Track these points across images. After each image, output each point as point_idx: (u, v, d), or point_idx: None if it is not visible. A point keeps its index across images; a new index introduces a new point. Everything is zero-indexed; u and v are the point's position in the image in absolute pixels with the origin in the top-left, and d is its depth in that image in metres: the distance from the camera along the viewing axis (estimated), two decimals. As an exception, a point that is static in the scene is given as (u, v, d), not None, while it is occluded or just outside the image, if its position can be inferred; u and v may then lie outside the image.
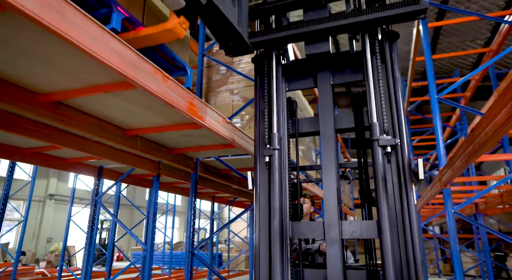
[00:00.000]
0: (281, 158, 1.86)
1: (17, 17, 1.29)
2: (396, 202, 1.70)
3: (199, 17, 1.73)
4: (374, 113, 1.65)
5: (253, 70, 2.33)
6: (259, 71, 2.12)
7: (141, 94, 2.02)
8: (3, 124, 2.30)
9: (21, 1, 1.12)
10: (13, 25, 1.39)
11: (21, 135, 2.41)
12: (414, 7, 1.65)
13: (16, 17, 1.30)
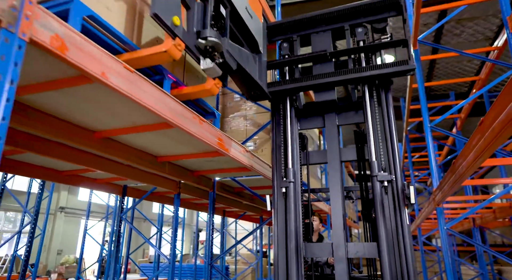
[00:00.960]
0: (295, 188, 2.26)
1: (98, 84, 1.71)
2: (392, 223, 2.08)
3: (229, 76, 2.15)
4: (373, 152, 2.05)
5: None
6: (275, 111, 2.53)
7: (177, 132, 2.43)
8: (59, 154, 2.72)
9: (112, 79, 1.54)
10: (92, 88, 1.81)
11: (72, 163, 2.83)
12: (404, 67, 2.06)
13: (97, 84, 1.72)
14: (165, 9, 1.48)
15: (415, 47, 3.99)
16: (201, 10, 1.72)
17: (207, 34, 1.64)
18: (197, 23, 1.70)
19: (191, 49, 1.68)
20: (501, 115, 1.35)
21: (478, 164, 1.95)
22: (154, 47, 1.69)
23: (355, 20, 2.36)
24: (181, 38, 1.57)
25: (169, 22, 1.51)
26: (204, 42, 1.66)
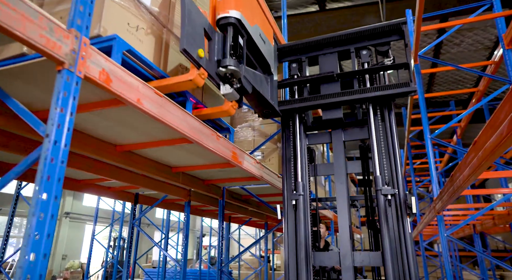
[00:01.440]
0: (304, 200, 2.44)
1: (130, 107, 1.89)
2: (395, 232, 2.26)
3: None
4: (377, 167, 2.23)
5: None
6: (285, 126, 2.72)
7: (195, 146, 2.62)
8: (83, 166, 2.91)
9: (145, 104, 1.74)
10: (123, 109, 2.01)
11: (94, 173, 3.02)
12: (405, 89, 2.25)
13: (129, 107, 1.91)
14: (191, 43, 1.67)
15: (416, 62, 4.18)
16: (221, 40, 1.92)
17: (227, 63, 1.84)
18: (217, 53, 1.90)
19: (212, 77, 1.88)
20: (491, 138, 1.54)
21: (473, 178, 2.13)
22: (181, 76, 1.88)
23: (360, 43, 2.56)
24: (204, 68, 1.77)
25: (195, 55, 1.70)
26: (225, 70, 1.85)
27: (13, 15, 1.12)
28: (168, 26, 2.14)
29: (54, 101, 1.28)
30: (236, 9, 1.93)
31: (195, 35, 1.70)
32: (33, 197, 1.19)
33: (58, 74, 1.31)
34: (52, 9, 1.80)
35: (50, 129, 1.25)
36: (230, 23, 1.91)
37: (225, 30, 1.92)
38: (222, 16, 1.91)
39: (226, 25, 1.91)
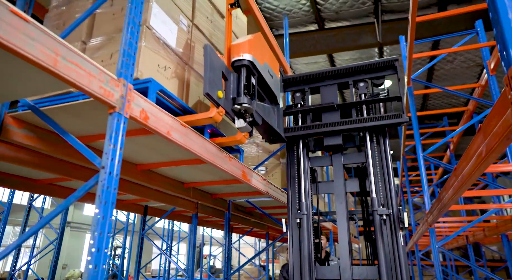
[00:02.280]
0: (308, 219, 2.72)
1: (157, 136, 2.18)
2: (390, 246, 2.53)
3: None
4: (373, 190, 2.52)
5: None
6: (290, 149, 3.01)
7: (209, 166, 2.90)
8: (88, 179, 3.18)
9: (173, 135, 2.02)
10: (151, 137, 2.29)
11: (114, 191, 3.29)
12: (398, 120, 2.55)
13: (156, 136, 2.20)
14: (212, 87, 1.97)
15: (409, 85, 4.50)
16: (236, 80, 2.22)
17: (242, 101, 2.13)
18: (233, 91, 2.20)
19: (229, 113, 2.17)
20: (467, 167, 1.83)
21: (457, 197, 2.41)
22: (202, 113, 2.17)
23: (358, 76, 2.87)
24: (223, 106, 2.07)
25: (215, 96, 2.00)
26: (239, 107, 2.15)
27: (81, 74, 1.42)
28: (189, 63, 2.45)
29: (108, 139, 1.57)
30: (248, 52, 2.23)
31: (215, 79, 2.00)
32: (93, 218, 1.47)
33: (110, 116, 1.60)
34: (93, 53, 2.10)
35: (105, 162, 1.54)
36: (243, 65, 2.21)
37: (239, 71, 2.22)
38: (236, 59, 2.21)
39: (240, 67, 2.21)
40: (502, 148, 1.21)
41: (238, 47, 2.23)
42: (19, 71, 1.52)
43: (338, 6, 7.27)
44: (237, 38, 3.29)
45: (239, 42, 2.25)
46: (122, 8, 2.13)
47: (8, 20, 1.14)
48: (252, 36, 2.31)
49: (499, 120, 1.14)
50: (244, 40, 2.25)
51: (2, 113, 1.95)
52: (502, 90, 1.07)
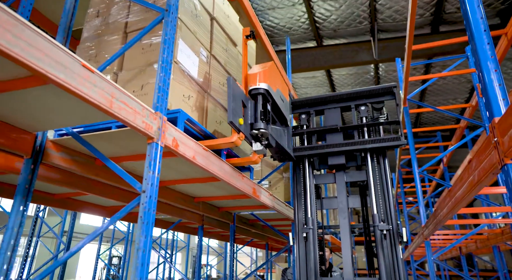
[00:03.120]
0: (313, 233, 2.94)
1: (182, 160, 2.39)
2: (389, 258, 2.76)
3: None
4: (374, 206, 2.75)
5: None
6: (296, 167, 3.24)
7: (222, 183, 3.12)
8: (120, 197, 3.38)
9: (198, 159, 2.24)
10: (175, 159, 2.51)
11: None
12: (397, 142, 2.80)
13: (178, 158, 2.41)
14: (235, 115, 2.20)
15: (405, 105, 4.79)
16: (253, 107, 2.46)
17: (259, 127, 2.37)
18: (250, 117, 2.43)
19: (247, 137, 2.40)
20: (459, 191, 2.08)
21: (450, 216, 2.66)
22: (225, 138, 2.40)
23: (359, 101, 3.13)
24: (243, 132, 2.30)
25: (237, 124, 2.23)
26: (257, 132, 2.38)
27: (129, 111, 1.64)
28: (208, 90, 2.68)
29: (147, 166, 1.79)
30: (264, 81, 2.47)
31: (237, 108, 2.23)
32: (136, 237, 1.68)
33: (148, 146, 1.83)
34: (125, 84, 2.33)
35: (145, 187, 1.75)
36: (260, 93, 2.45)
37: (256, 98, 2.46)
38: (253, 88, 2.45)
39: (256, 95, 2.45)
40: (489, 179, 1.45)
41: (254, 77, 2.47)
42: (69, 105, 1.74)
43: (336, 25, 7.59)
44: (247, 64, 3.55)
45: (255, 72, 2.49)
46: (151, 44, 2.36)
47: (79, 72, 1.37)
48: (267, 67, 2.55)
49: (486, 157, 1.38)
50: (260, 70, 2.49)
51: (44, 138, 2.16)
52: (488, 135, 1.31)
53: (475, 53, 1.36)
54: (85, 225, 17.81)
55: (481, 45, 1.33)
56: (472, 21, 1.39)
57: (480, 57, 1.31)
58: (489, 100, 1.29)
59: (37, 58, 1.18)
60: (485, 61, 1.31)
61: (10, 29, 1.09)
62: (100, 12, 2.71)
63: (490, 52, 1.32)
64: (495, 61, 1.31)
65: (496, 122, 1.24)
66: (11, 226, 1.96)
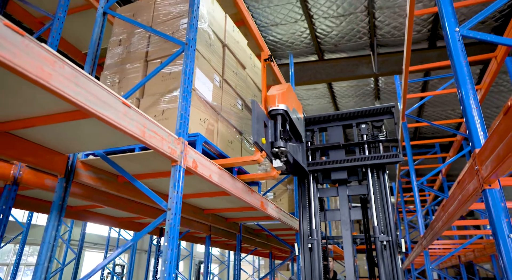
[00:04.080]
0: (318, 244, 3.15)
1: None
2: (389, 267, 2.96)
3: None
4: (375, 219, 2.96)
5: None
6: (301, 182, 3.46)
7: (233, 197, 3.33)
8: (137, 210, 3.59)
9: (213, 177, 2.46)
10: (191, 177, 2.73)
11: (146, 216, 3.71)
12: (395, 159, 3.02)
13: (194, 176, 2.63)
14: (259, 135, 2.41)
15: (403, 120, 5.02)
16: (273, 126, 2.67)
17: (279, 145, 2.57)
18: (271, 136, 2.64)
19: (268, 154, 2.62)
20: (451, 207, 2.29)
21: (445, 228, 2.86)
22: (248, 157, 2.60)
23: (360, 119, 3.36)
24: (265, 150, 2.51)
25: (260, 143, 2.45)
26: (277, 150, 2.59)
27: (158, 138, 1.87)
28: (220, 113, 2.92)
29: (171, 186, 2.01)
30: (283, 102, 2.69)
31: (260, 128, 2.44)
32: (163, 250, 1.90)
33: (172, 168, 2.05)
34: (147, 109, 2.56)
35: (171, 205, 1.97)
36: (279, 114, 2.67)
37: (275, 118, 2.67)
38: (273, 108, 2.67)
39: (276, 115, 2.67)
40: (474, 200, 1.67)
41: (273, 98, 2.69)
42: (103, 133, 1.97)
43: (337, 40, 7.87)
44: (254, 83, 3.79)
45: (274, 94, 2.71)
46: (170, 73, 2.60)
47: (120, 108, 1.60)
48: (285, 89, 2.78)
49: (470, 182, 1.60)
50: (279, 92, 2.71)
51: (75, 159, 2.39)
52: (470, 163, 1.54)
53: (459, 90, 1.59)
54: (88, 233, 17.94)
55: (464, 86, 1.56)
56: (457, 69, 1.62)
57: (463, 97, 1.54)
58: (471, 133, 1.51)
59: (90, 101, 1.42)
60: (468, 100, 1.54)
61: (74, 81, 1.33)
62: (122, 41, 2.96)
63: (471, 91, 1.54)
64: (476, 100, 1.53)
65: (477, 153, 1.45)
66: (47, 239, 2.17)
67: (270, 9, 7.07)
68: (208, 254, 5.02)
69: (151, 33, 2.84)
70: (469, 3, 3.22)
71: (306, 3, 6.85)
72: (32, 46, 1.20)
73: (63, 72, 1.31)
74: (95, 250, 18.84)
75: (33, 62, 1.20)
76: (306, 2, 6.83)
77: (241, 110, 3.32)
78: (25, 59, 1.17)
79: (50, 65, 1.26)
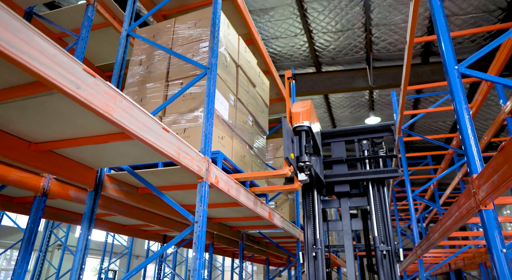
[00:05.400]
0: (322, 252, 3.36)
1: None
2: (388, 275, 3.19)
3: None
4: (375, 229, 3.19)
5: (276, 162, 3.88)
6: (305, 194, 3.68)
7: (243, 208, 3.53)
8: (149, 219, 3.76)
9: (231, 192, 2.66)
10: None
11: (156, 225, 3.87)
12: (394, 174, 3.27)
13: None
14: (288, 150, 2.62)
15: (399, 134, 5.30)
16: (298, 142, 2.88)
17: (305, 160, 2.78)
18: (296, 150, 2.85)
19: (295, 168, 2.82)
20: (448, 221, 2.53)
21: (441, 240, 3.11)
22: (278, 170, 2.80)
23: (361, 136, 3.60)
24: (293, 165, 2.72)
25: (289, 158, 2.65)
26: (303, 164, 2.80)
27: (188, 158, 2.07)
28: (235, 130, 3.12)
29: (198, 201, 2.21)
30: (307, 119, 2.92)
31: (289, 144, 2.66)
32: (192, 260, 2.09)
33: (198, 184, 2.25)
34: (169, 127, 2.76)
35: (198, 218, 2.17)
36: (303, 130, 2.89)
37: (300, 134, 2.89)
38: (298, 125, 2.89)
39: (300, 131, 2.89)
40: (470, 217, 1.90)
41: (298, 115, 2.92)
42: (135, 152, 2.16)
43: (335, 54, 8.17)
44: (262, 100, 4.01)
45: (298, 111, 2.94)
46: (191, 93, 2.81)
47: (161, 133, 1.80)
48: (308, 106, 3.01)
49: (468, 201, 1.84)
50: (303, 109, 2.94)
51: (103, 173, 2.57)
52: (468, 187, 1.77)
53: (459, 124, 1.83)
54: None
55: (464, 122, 1.80)
56: (457, 104, 1.86)
57: (463, 131, 1.78)
58: (469, 160, 1.75)
59: (139, 128, 1.61)
60: (466, 133, 1.77)
61: (129, 112, 1.53)
62: (142, 61, 3.16)
63: (469, 124, 1.79)
64: (474, 132, 1.77)
65: (474, 178, 1.69)
66: (79, 248, 2.34)
67: (271, 23, 7.34)
68: (211, 261, 5.19)
69: (171, 55, 3.04)
70: (463, 33, 3.50)
71: (306, 19, 7.13)
72: (101, 85, 1.41)
73: (121, 105, 1.51)
74: (90, 256, 18.73)
75: (101, 98, 1.40)
76: (306, 18, 7.11)
77: (251, 126, 3.53)
78: (96, 96, 1.37)
79: (112, 100, 1.46)
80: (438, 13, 2.14)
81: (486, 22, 6.72)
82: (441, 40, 2.04)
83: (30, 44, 1.10)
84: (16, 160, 1.95)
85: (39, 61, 1.14)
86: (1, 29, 1.01)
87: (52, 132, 1.92)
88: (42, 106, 1.57)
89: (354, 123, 11.31)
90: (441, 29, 2.08)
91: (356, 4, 6.66)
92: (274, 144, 5.66)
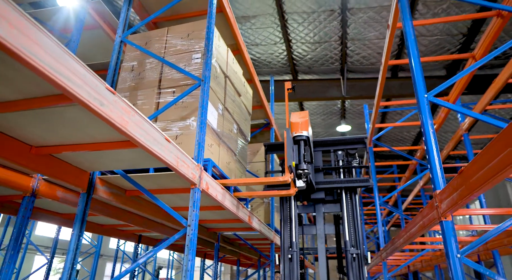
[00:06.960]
0: (297, 255, 3.60)
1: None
2: (357, 276, 3.47)
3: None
4: (346, 234, 3.47)
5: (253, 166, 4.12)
6: (283, 199, 3.91)
7: (226, 211, 3.70)
8: (132, 220, 3.84)
9: (217, 196, 2.84)
10: (192, 193, 3.07)
11: (135, 225, 3.95)
12: (366, 183, 3.57)
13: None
14: (292, 160, 2.82)
15: (370, 145, 5.68)
16: (296, 150, 3.08)
17: (304, 167, 2.99)
18: (295, 159, 3.05)
19: (294, 175, 3.01)
20: (413, 229, 2.84)
21: (406, 244, 3.44)
22: (279, 177, 2.98)
23: (337, 147, 3.88)
24: (293, 172, 2.91)
25: (292, 166, 2.85)
26: (301, 172, 3.00)
27: (185, 166, 2.23)
28: (222, 138, 3.30)
29: (191, 206, 2.36)
30: (305, 129, 3.13)
31: (291, 153, 2.86)
32: (184, 261, 2.24)
33: (192, 190, 2.40)
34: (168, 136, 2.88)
35: (190, 222, 2.33)
36: (302, 139, 3.10)
37: (299, 143, 3.09)
38: (297, 135, 3.11)
39: (299, 140, 3.10)
40: (432, 226, 2.19)
41: (297, 125, 3.13)
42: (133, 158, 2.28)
43: (311, 63, 8.51)
44: (245, 108, 4.20)
45: (297, 121, 3.15)
46: (183, 102, 2.95)
47: (163, 143, 1.95)
48: (306, 117, 3.22)
49: (431, 212, 2.13)
50: (302, 120, 3.15)
51: (95, 176, 2.65)
52: (432, 200, 2.06)
53: (427, 147, 2.12)
54: (40, 236, 17.14)
55: (431, 147, 2.09)
56: (426, 130, 2.16)
57: (430, 154, 2.07)
58: (433, 178, 2.03)
59: (146, 139, 1.76)
60: (433, 155, 2.07)
61: (140, 125, 1.68)
62: (134, 67, 3.26)
63: (435, 149, 2.08)
64: (438, 155, 2.07)
65: (438, 194, 1.97)
66: (71, 248, 2.43)
67: (252, 30, 7.54)
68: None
69: (163, 63, 3.17)
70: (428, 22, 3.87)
71: (286, 29, 7.40)
72: (119, 101, 1.55)
73: (134, 119, 1.66)
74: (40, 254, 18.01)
75: (118, 113, 1.54)
76: (286, 28, 7.38)
77: (236, 134, 3.72)
78: (115, 111, 1.51)
79: (127, 114, 1.61)
80: (414, 53, 2.44)
81: (449, 44, 7.31)
82: (414, 72, 2.33)
83: (68, 67, 1.24)
84: (15, 162, 2.02)
85: (73, 82, 1.28)
86: (48, 57, 1.14)
87: (57, 138, 2.01)
88: (59, 116, 1.68)
89: (326, 130, 11.75)
90: (416, 68, 2.38)
91: (334, 19, 7.02)
92: (252, 149, 5.87)
